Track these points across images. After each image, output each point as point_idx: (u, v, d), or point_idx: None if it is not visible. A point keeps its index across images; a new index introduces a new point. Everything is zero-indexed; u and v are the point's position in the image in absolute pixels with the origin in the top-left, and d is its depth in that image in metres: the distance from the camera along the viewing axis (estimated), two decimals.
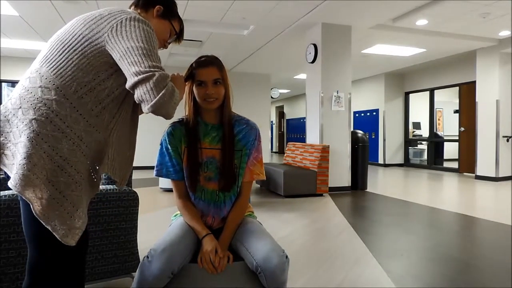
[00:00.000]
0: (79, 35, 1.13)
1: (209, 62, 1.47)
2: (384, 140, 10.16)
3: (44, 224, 1.04)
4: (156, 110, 1.06)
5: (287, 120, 16.81)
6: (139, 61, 1.06)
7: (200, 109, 1.52)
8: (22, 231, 1.15)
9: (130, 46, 1.08)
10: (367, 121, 10.71)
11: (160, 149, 1.54)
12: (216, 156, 1.51)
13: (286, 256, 1.32)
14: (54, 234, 1.04)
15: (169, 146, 1.51)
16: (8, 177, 1.10)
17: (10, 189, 1.35)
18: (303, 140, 7.20)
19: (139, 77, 1.04)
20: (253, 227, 1.47)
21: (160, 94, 1.04)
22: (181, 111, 1.53)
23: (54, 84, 1.09)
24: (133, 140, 1.32)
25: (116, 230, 1.96)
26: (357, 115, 11.16)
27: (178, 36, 1.46)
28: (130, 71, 1.06)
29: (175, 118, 1.56)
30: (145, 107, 1.06)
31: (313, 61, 5.86)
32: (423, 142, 10.33)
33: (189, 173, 1.50)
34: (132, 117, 1.29)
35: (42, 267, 1.12)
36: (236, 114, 1.58)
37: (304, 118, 6.91)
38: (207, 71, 1.45)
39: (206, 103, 1.46)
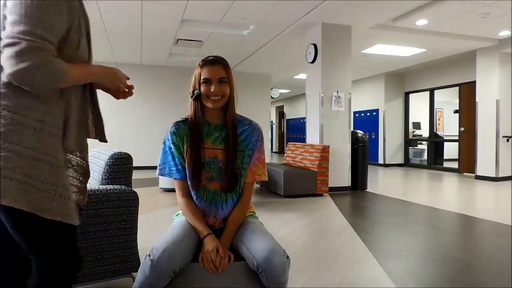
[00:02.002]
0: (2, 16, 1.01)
1: (216, 61, 1.50)
2: (384, 140, 10.16)
3: (48, 218, 1.00)
4: (17, 82, 0.95)
5: (287, 120, 16.81)
6: (16, 22, 0.94)
7: (204, 108, 1.52)
8: None
9: (17, 2, 0.96)
10: (367, 121, 10.71)
11: (163, 148, 1.55)
12: (219, 156, 1.52)
13: (287, 256, 1.33)
14: (62, 221, 1.02)
15: (172, 146, 1.52)
16: None
17: None
18: (303, 140, 7.20)
19: (6, 41, 0.94)
20: (254, 227, 1.48)
21: (21, 66, 0.92)
22: (185, 110, 1.53)
23: None
24: (94, 95, 1.24)
25: (116, 230, 1.96)
26: (357, 115, 11.16)
27: None
28: (4, 34, 0.95)
29: (178, 118, 1.57)
30: (3, 75, 0.96)
31: (313, 61, 5.86)
32: (423, 142, 10.34)
33: (192, 173, 1.50)
34: None
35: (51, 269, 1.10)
36: (239, 115, 1.59)
37: (304, 118, 6.91)
38: (213, 69, 1.47)
39: (211, 101, 1.47)
